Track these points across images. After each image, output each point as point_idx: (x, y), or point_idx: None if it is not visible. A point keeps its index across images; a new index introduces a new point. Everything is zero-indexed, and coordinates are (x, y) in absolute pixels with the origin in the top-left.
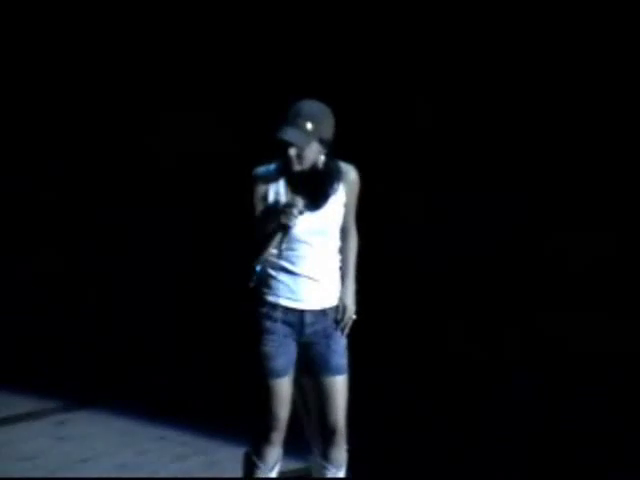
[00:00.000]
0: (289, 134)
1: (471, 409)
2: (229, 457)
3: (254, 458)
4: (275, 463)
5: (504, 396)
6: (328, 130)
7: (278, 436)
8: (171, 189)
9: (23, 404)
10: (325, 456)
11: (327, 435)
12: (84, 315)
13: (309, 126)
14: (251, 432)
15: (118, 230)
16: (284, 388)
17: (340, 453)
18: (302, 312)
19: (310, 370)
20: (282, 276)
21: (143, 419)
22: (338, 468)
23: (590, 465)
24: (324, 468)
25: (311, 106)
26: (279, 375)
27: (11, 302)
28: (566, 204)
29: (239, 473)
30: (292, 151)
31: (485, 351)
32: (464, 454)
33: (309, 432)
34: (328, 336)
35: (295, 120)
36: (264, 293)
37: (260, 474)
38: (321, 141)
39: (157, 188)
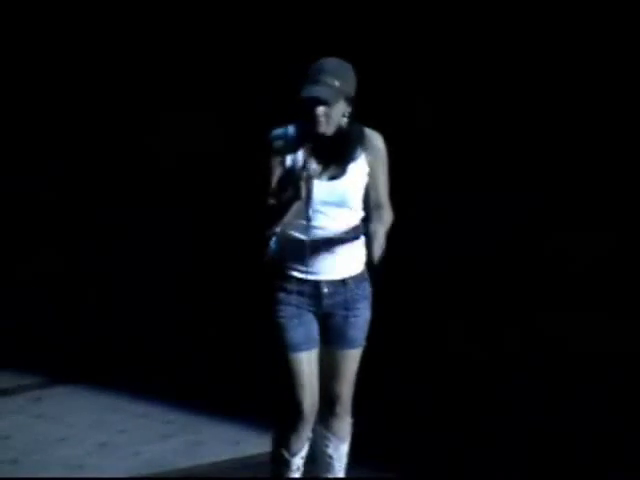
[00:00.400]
0: (316, 91)
1: (471, 409)
2: (214, 436)
3: (282, 450)
4: (300, 451)
5: (504, 396)
6: (352, 88)
7: (303, 425)
8: (171, 189)
9: None
10: (327, 426)
11: (328, 404)
12: (84, 315)
13: (336, 83)
14: (274, 420)
15: (118, 230)
16: (304, 365)
17: (342, 425)
18: (318, 283)
19: (325, 341)
20: (296, 248)
21: (125, 396)
22: (340, 440)
23: (590, 465)
24: (326, 439)
25: (333, 62)
26: (296, 349)
27: (11, 302)
28: (566, 204)
29: (224, 454)
30: (320, 110)
31: (485, 351)
32: (464, 454)
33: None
34: (348, 308)
35: (319, 77)
36: (278, 266)
37: (290, 467)
38: (346, 99)
39: (157, 188)
